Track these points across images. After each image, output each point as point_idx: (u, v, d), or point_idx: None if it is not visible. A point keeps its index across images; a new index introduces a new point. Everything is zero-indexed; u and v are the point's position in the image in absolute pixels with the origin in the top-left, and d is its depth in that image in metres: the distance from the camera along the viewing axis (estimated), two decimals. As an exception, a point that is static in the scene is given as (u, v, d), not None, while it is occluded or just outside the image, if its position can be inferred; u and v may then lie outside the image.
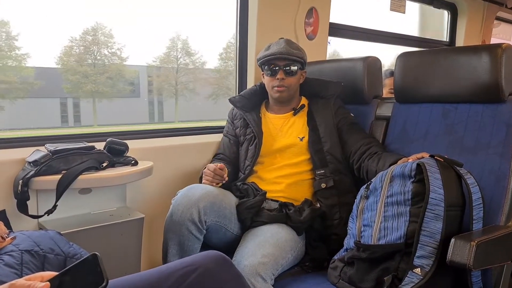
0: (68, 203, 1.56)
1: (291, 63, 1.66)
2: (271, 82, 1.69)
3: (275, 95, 1.70)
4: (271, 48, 1.68)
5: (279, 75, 1.65)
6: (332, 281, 1.32)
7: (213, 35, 5.46)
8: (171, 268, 0.96)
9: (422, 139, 1.56)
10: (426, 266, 1.10)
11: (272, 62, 1.66)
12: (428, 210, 1.11)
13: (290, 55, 1.64)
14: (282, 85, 1.66)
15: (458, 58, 1.49)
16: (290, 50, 1.65)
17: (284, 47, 1.65)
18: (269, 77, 1.69)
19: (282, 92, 1.68)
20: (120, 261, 1.57)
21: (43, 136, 1.76)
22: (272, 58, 1.65)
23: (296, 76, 1.69)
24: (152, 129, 2.21)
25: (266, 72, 1.70)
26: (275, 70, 1.66)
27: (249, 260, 1.28)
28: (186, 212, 1.38)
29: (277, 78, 1.66)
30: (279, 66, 1.65)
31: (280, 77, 1.65)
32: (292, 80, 1.68)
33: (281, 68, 1.65)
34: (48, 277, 0.68)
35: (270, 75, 1.69)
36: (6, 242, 1.08)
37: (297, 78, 1.71)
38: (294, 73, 1.67)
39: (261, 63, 1.71)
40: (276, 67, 1.66)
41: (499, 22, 4.16)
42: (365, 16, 3.03)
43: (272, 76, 1.68)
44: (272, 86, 1.69)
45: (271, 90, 1.71)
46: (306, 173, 1.65)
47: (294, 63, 1.67)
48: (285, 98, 1.71)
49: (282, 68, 1.65)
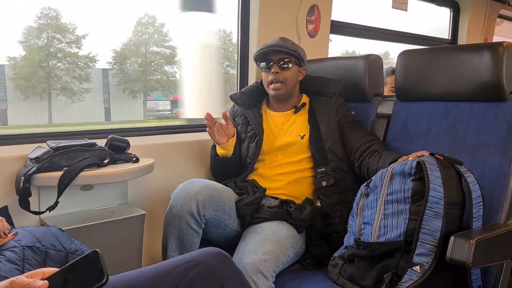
0: (69, 199, 1.57)
1: (285, 57, 1.65)
2: (267, 78, 1.69)
3: (272, 93, 1.70)
4: (265, 45, 1.68)
5: (273, 69, 1.65)
6: (332, 278, 1.33)
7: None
8: (171, 264, 0.97)
9: (423, 137, 1.56)
10: (425, 264, 1.10)
11: (266, 58, 1.67)
12: (428, 208, 1.12)
13: (283, 47, 1.64)
14: (278, 80, 1.66)
15: (459, 56, 1.48)
16: (283, 43, 1.65)
17: (277, 42, 1.65)
18: (264, 73, 1.70)
19: (278, 90, 1.67)
20: (121, 257, 1.57)
21: (45, 133, 1.76)
22: (266, 52, 1.65)
23: (291, 71, 1.68)
24: (153, 126, 2.21)
25: (261, 68, 1.71)
26: (269, 65, 1.66)
27: (251, 258, 1.28)
28: (185, 205, 1.39)
29: (272, 72, 1.66)
30: (273, 61, 1.65)
31: (275, 71, 1.65)
32: (287, 74, 1.67)
33: (275, 62, 1.65)
34: (49, 273, 0.69)
35: (265, 71, 1.69)
36: (8, 238, 1.09)
37: (293, 73, 1.69)
38: (289, 67, 1.66)
39: (256, 59, 1.71)
40: (271, 62, 1.66)
41: (502, 20, 4.14)
42: (367, 13, 3.03)
43: (267, 71, 1.68)
44: (268, 82, 1.68)
45: (267, 87, 1.71)
46: (307, 171, 1.65)
47: (288, 57, 1.66)
48: (282, 96, 1.71)
49: (276, 62, 1.65)
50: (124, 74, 8.25)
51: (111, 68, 8.09)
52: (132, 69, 8.24)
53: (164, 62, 8.68)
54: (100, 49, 7.71)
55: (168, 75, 8.73)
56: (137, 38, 8.17)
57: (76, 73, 7.51)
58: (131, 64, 8.35)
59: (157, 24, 7.83)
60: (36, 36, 6.99)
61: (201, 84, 2.75)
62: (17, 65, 6.99)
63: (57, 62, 7.44)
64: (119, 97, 8.23)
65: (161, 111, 9.19)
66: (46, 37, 7.12)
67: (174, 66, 8.59)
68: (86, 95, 7.52)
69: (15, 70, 7.02)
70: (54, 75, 7.47)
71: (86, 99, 7.54)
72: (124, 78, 8.25)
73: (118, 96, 8.22)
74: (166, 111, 9.52)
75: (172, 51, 8.38)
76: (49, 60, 7.35)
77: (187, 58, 2.91)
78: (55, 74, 7.46)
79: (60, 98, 7.47)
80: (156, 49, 8.18)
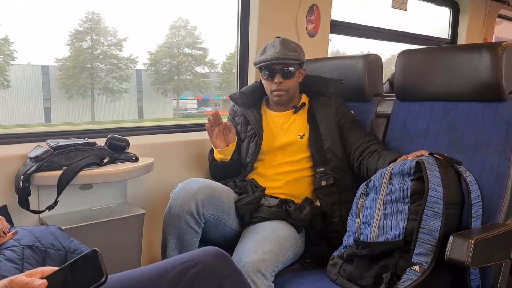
0: (69, 198, 1.57)
1: (288, 65, 1.63)
2: (269, 86, 1.67)
3: (275, 99, 1.69)
4: (266, 52, 1.64)
5: (276, 78, 1.63)
6: (332, 278, 1.33)
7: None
8: (170, 264, 0.97)
9: (423, 137, 1.56)
10: (424, 264, 1.10)
11: (268, 67, 1.64)
12: (427, 208, 1.12)
13: (285, 59, 1.60)
14: (280, 89, 1.64)
15: (458, 56, 1.48)
16: (285, 54, 1.60)
17: (279, 51, 1.60)
18: (267, 81, 1.68)
19: (281, 97, 1.67)
20: (120, 256, 1.58)
21: (44, 132, 1.76)
22: (268, 64, 1.62)
23: (294, 78, 1.67)
24: (153, 125, 2.21)
25: (263, 76, 1.68)
26: (272, 74, 1.64)
27: (250, 257, 1.28)
28: (184, 204, 1.39)
29: (275, 82, 1.63)
30: (276, 70, 1.63)
31: (278, 81, 1.62)
32: (290, 83, 1.66)
33: (278, 71, 1.62)
34: (48, 272, 0.69)
35: (267, 79, 1.67)
36: (8, 237, 1.09)
37: (296, 79, 1.68)
38: (292, 75, 1.64)
39: (257, 68, 1.69)
40: (273, 71, 1.63)
41: (501, 20, 4.15)
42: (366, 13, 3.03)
43: (269, 80, 1.66)
44: (271, 90, 1.67)
45: (270, 94, 1.70)
46: (306, 170, 1.65)
47: (291, 65, 1.64)
48: (285, 101, 1.71)
49: (279, 71, 1.63)
50: (158, 75, 8.80)
51: (146, 69, 8.71)
52: (165, 70, 8.80)
53: (195, 63, 9.10)
54: (136, 51, 8.19)
55: (198, 75, 9.20)
56: (171, 41, 8.79)
57: (116, 73, 8.10)
58: (164, 65, 8.91)
59: (189, 27, 8.46)
60: (81, 39, 7.67)
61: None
62: (63, 66, 7.58)
63: (99, 64, 8.07)
64: (150, 97, 8.84)
65: (188, 109, 9.62)
66: (90, 39, 7.79)
67: (204, 67, 9.05)
68: (124, 94, 8.11)
69: (61, 70, 7.56)
70: (97, 76, 8.08)
71: (120, 99, 8.09)
72: (158, 78, 8.82)
73: (149, 96, 8.82)
74: (193, 109, 9.97)
75: (204, 53, 8.83)
76: (93, 62, 7.93)
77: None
78: (98, 75, 8.08)
79: (101, 98, 8.06)
80: (188, 51, 8.78)
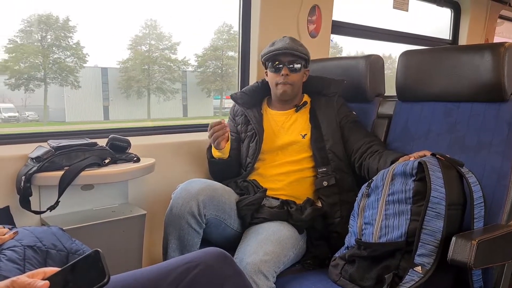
0: (70, 199, 1.57)
1: (295, 59, 1.66)
2: (275, 79, 1.69)
3: (279, 91, 1.69)
4: (275, 44, 1.68)
5: (283, 71, 1.65)
6: (333, 279, 1.32)
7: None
8: (172, 265, 0.97)
9: (424, 138, 1.56)
10: (427, 265, 1.10)
11: (276, 59, 1.66)
12: (429, 208, 1.11)
13: (295, 50, 1.64)
14: (286, 82, 1.66)
15: (460, 57, 1.48)
16: (295, 46, 1.65)
17: (289, 43, 1.65)
18: (273, 73, 1.69)
19: (286, 91, 1.67)
20: (121, 257, 1.58)
21: (45, 132, 1.77)
22: (277, 54, 1.65)
23: (300, 73, 1.69)
24: (154, 126, 2.21)
25: (270, 69, 1.70)
26: (279, 66, 1.66)
27: (251, 258, 1.28)
28: (185, 205, 1.38)
29: (281, 74, 1.65)
30: (283, 63, 1.65)
31: (285, 73, 1.65)
32: (296, 77, 1.68)
33: (285, 64, 1.65)
34: (51, 272, 0.69)
35: (274, 72, 1.68)
36: (8, 236, 1.09)
37: (301, 76, 1.71)
38: (298, 70, 1.67)
39: (265, 59, 1.70)
40: (280, 64, 1.66)
41: (503, 21, 4.14)
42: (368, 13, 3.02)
43: (276, 72, 1.68)
44: (276, 82, 1.68)
45: (274, 87, 1.71)
46: (307, 170, 1.65)
47: (298, 60, 1.67)
48: (288, 96, 1.71)
49: (286, 64, 1.65)
50: (204, 75, 9.60)
51: (193, 70, 9.53)
52: (210, 71, 9.64)
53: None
54: (185, 53, 9.10)
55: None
56: (215, 44, 9.66)
57: (169, 75, 8.95)
58: (209, 67, 9.73)
59: (232, 32, 9.16)
60: (140, 43, 8.59)
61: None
62: (124, 68, 8.48)
63: (155, 66, 8.91)
64: (194, 96, 9.65)
65: (226, 108, 10.31)
66: (148, 43, 8.66)
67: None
68: (175, 94, 9.00)
69: (122, 72, 8.39)
70: (153, 77, 8.90)
71: (171, 98, 8.97)
72: (204, 79, 9.58)
73: (193, 95, 9.64)
74: (229, 108, 10.72)
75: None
76: (150, 63, 8.75)
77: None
78: (153, 76, 8.91)
79: (152, 97, 8.90)
80: (231, 54, 9.55)
